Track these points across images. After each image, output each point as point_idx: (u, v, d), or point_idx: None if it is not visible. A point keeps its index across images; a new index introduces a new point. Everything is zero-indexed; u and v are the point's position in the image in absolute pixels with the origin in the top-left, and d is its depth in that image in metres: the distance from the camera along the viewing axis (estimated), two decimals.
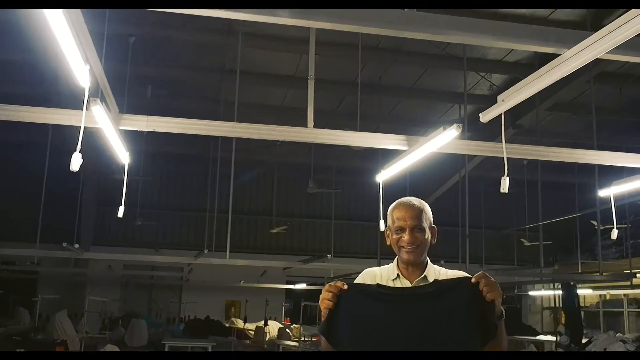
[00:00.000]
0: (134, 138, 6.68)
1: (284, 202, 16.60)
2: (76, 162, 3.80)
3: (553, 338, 10.73)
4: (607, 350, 8.89)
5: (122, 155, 5.46)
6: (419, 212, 2.58)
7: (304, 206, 16.73)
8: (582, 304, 11.29)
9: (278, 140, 9.07)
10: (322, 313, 2.41)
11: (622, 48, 3.20)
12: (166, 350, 9.08)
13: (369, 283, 2.54)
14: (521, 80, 3.86)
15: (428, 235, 2.59)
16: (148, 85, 10.10)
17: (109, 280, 14.84)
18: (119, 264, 14.60)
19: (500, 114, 4.19)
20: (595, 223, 10.97)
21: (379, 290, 2.39)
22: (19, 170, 13.72)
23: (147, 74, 9.71)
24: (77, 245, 9.22)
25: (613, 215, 6.97)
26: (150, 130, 4.77)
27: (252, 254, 14.35)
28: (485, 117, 4.30)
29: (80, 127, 3.97)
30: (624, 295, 13.95)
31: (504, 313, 2.37)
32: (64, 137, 6.76)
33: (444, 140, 4.77)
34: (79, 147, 3.81)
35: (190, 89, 11.00)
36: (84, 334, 8.96)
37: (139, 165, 11.54)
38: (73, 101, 4.55)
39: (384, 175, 6.22)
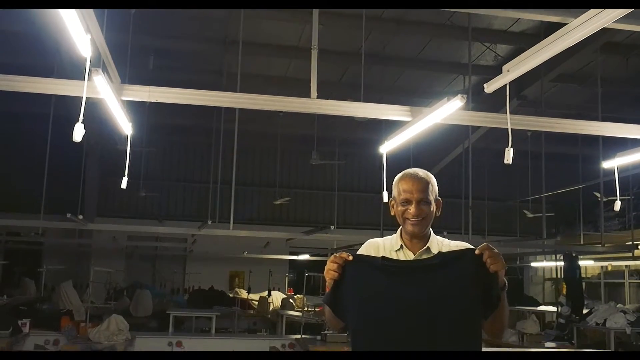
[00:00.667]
0: (136, 109, 6.66)
1: (287, 174, 16.61)
2: (78, 132, 3.80)
3: (554, 309, 10.80)
4: (608, 320, 8.95)
5: (125, 126, 5.44)
6: (425, 185, 2.58)
7: (307, 178, 16.74)
8: (583, 275, 11.34)
9: (281, 111, 9.04)
10: (326, 283, 2.43)
11: (630, 18, 3.17)
12: (170, 319, 9.14)
13: (372, 254, 2.55)
14: (526, 50, 3.83)
15: (433, 207, 2.59)
16: (150, 56, 10.05)
17: (113, 251, 14.92)
18: (123, 235, 14.65)
19: (505, 85, 4.16)
20: (598, 195, 10.96)
21: (384, 262, 2.40)
22: (22, 142, 13.73)
23: (149, 45, 9.65)
24: (81, 216, 9.24)
25: (616, 187, 6.95)
26: (152, 100, 4.74)
27: (255, 225, 14.40)
28: (490, 87, 4.28)
29: (82, 97, 3.96)
30: (625, 266, 14.01)
31: (506, 284, 2.38)
32: (67, 108, 6.75)
33: (448, 111, 4.74)
34: (81, 117, 3.80)
35: (193, 60, 10.94)
36: (89, 304, 9.03)
37: (142, 137, 11.53)
38: (75, 72, 4.53)
39: (388, 147, 6.21)
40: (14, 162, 14.20)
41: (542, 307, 12.85)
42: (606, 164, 7.16)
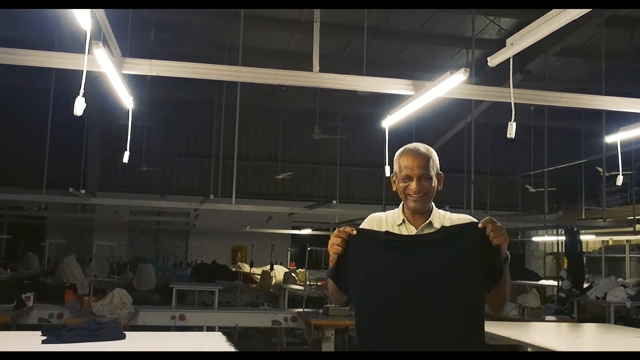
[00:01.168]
0: (137, 83, 6.64)
1: (289, 148, 16.58)
2: (79, 106, 3.79)
3: (555, 283, 10.84)
4: (608, 294, 8.99)
5: (126, 100, 5.43)
6: (426, 161, 2.57)
7: (310, 152, 16.73)
8: (584, 250, 11.36)
9: (283, 85, 8.99)
10: (330, 258, 2.44)
11: None
12: (173, 293, 9.19)
13: (375, 228, 2.56)
14: (531, 23, 3.79)
15: (435, 183, 2.59)
16: (151, 29, 9.98)
17: (116, 225, 14.96)
18: (125, 209, 14.67)
19: (509, 58, 4.13)
20: (600, 169, 10.95)
21: (387, 236, 2.41)
22: (23, 116, 13.70)
23: (149, 18, 9.58)
24: (83, 191, 9.25)
25: (619, 162, 6.94)
26: (154, 74, 4.72)
27: (257, 200, 14.42)
28: (494, 60, 4.25)
29: (82, 71, 3.94)
30: (626, 241, 14.03)
31: (509, 257, 2.39)
32: (68, 81, 6.72)
33: (451, 84, 4.72)
34: (81, 91, 3.79)
35: (194, 33, 10.87)
36: (92, 277, 9.07)
37: (143, 111, 11.49)
38: (76, 45, 4.50)
39: (390, 121, 6.19)
40: (15, 137, 14.18)
41: (543, 282, 12.90)
42: (609, 139, 7.13)
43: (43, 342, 3.13)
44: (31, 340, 3.18)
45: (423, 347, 2.30)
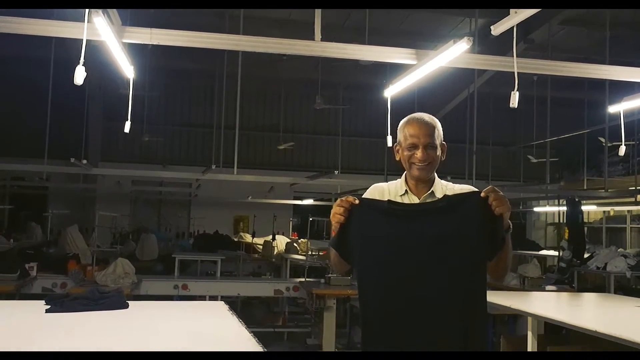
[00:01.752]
0: (138, 52, 6.60)
1: (291, 119, 16.54)
2: (80, 75, 3.77)
3: (556, 253, 10.88)
4: (608, 264, 9.02)
5: (127, 69, 5.40)
6: (432, 129, 2.57)
7: (311, 122, 16.68)
8: (585, 220, 11.37)
9: (284, 55, 8.94)
10: (333, 227, 2.44)
11: None
12: (176, 263, 9.23)
13: (378, 198, 2.56)
14: None
15: (439, 152, 2.60)
16: None
17: (118, 195, 14.99)
18: (127, 179, 14.71)
19: (512, 27, 4.10)
20: (602, 140, 10.91)
21: (390, 205, 2.41)
22: (23, 86, 13.64)
23: None
24: (85, 161, 9.25)
25: (622, 132, 6.93)
26: (154, 43, 4.69)
27: (259, 170, 14.42)
28: (497, 29, 4.21)
29: (82, 40, 3.91)
30: (628, 211, 14.05)
31: (510, 226, 2.40)
32: (68, 51, 6.68)
33: (454, 53, 4.68)
34: (82, 60, 3.77)
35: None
36: (95, 247, 9.11)
37: (144, 81, 11.43)
38: (75, 14, 4.46)
39: (392, 91, 6.16)
40: (16, 107, 14.14)
41: (544, 252, 12.94)
42: (612, 109, 7.11)
43: (47, 311, 3.15)
44: (35, 309, 3.21)
45: (425, 315, 2.32)
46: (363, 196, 2.60)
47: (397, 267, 2.35)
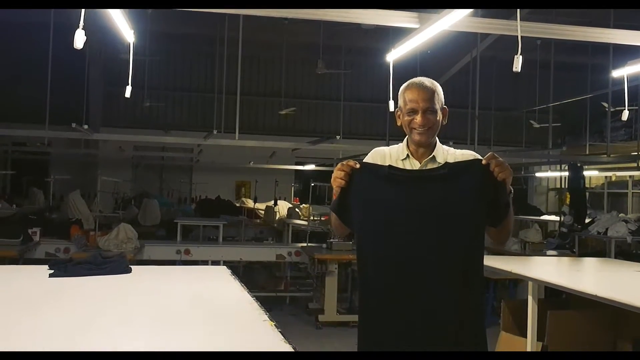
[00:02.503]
0: (138, 17, 6.54)
1: (293, 84, 16.45)
2: (79, 39, 3.74)
3: (557, 218, 10.91)
4: (609, 229, 9.05)
5: (127, 33, 5.35)
6: (431, 94, 2.56)
7: (313, 87, 16.60)
8: (587, 186, 11.38)
9: (286, 18, 8.86)
10: (334, 191, 2.45)
11: None
12: (178, 228, 9.27)
13: (379, 162, 2.57)
14: None
15: (439, 116, 2.59)
16: None
17: (119, 161, 15.00)
18: (129, 145, 14.69)
19: None
20: (605, 105, 10.86)
21: (391, 171, 2.41)
22: (23, 51, 13.55)
23: None
24: (86, 126, 9.23)
25: (625, 96, 6.89)
26: (154, 7, 4.63)
27: (261, 136, 14.40)
28: None
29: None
30: (629, 177, 14.05)
31: (512, 192, 2.40)
32: (67, 15, 6.62)
33: (457, 17, 4.63)
34: (81, 23, 3.73)
35: None
36: (97, 213, 9.14)
37: (145, 45, 11.35)
38: None
39: (394, 55, 6.11)
40: (16, 72, 14.06)
41: (545, 217, 12.97)
42: (616, 73, 7.05)
43: (50, 275, 3.17)
44: (38, 274, 3.23)
45: (423, 280, 2.34)
46: (364, 160, 2.60)
47: (397, 232, 2.36)
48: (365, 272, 2.44)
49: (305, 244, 8.74)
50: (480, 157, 2.43)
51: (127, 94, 6.01)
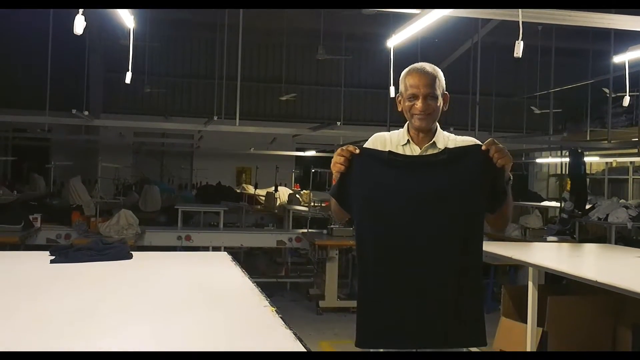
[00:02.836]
0: None
1: (293, 69, 16.42)
2: (79, 25, 3.72)
3: (558, 204, 10.91)
4: (610, 215, 9.05)
5: (127, 19, 5.33)
6: (432, 80, 2.55)
7: (314, 73, 16.57)
8: (587, 172, 11.37)
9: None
10: (333, 176, 2.45)
11: None
12: (179, 214, 9.27)
13: (379, 147, 2.56)
14: None
15: (440, 102, 2.58)
16: None
17: (120, 147, 15.00)
18: (129, 131, 14.69)
19: None
20: (606, 90, 10.83)
21: (390, 156, 2.41)
22: (23, 36, 13.51)
23: None
24: (86, 113, 9.21)
25: (626, 82, 6.87)
26: None
27: (261, 122, 14.38)
28: None
29: None
30: (630, 162, 14.04)
31: (511, 178, 2.41)
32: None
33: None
34: (81, 9, 3.72)
35: None
36: (98, 199, 9.15)
37: (145, 31, 11.32)
38: None
39: (395, 41, 6.09)
40: (16, 58, 14.02)
41: (546, 203, 12.98)
42: (617, 59, 7.03)
43: (51, 261, 3.18)
44: (40, 260, 3.24)
45: (421, 265, 2.34)
46: (365, 145, 2.60)
47: (396, 217, 2.36)
48: (364, 257, 2.44)
49: (305, 230, 8.75)
50: (480, 143, 2.43)
51: (128, 80, 6.00)
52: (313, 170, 10.24)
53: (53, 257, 3.23)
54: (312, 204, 10.46)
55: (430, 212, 2.34)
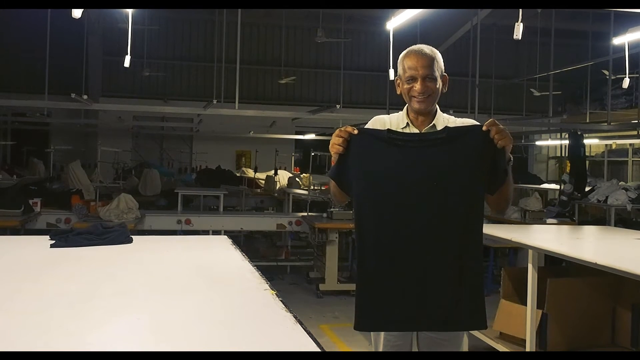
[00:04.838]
0: None
1: (293, 52, 16.36)
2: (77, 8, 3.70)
3: (557, 186, 10.92)
4: (609, 197, 9.06)
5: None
6: (430, 61, 2.54)
7: (313, 56, 16.52)
8: (587, 154, 11.38)
9: None
10: (332, 158, 2.43)
11: None
12: (179, 198, 9.27)
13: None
14: None
15: (439, 84, 2.57)
16: None
17: (119, 131, 14.98)
18: (128, 115, 14.66)
19: None
20: (606, 72, 10.80)
21: (390, 135, 2.39)
22: (21, 20, 13.44)
23: None
24: (85, 97, 9.19)
25: (626, 64, 6.86)
26: None
27: (261, 105, 14.35)
28: None
29: None
30: (630, 144, 14.04)
31: (511, 159, 2.40)
32: None
33: None
34: None
35: None
36: (98, 183, 9.14)
37: (144, 14, 11.27)
38: None
39: (395, 23, 6.06)
40: (14, 42, 13.96)
41: (545, 185, 12.99)
42: (617, 40, 7.01)
43: (51, 246, 3.18)
44: (40, 244, 3.24)
45: (421, 244, 2.34)
46: (365, 127, 2.58)
47: (395, 197, 2.35)
48: (364, 238, 2.42)
49: (305, 213, 8.76)
50: (480, 124, 2.42)
51: (126, 63, 5.99)
52: (313, 154, 10.24)
53: (53, 242, 3.24)
54: (312, 187, 10.47)
55: (430, 190, 2.33)
